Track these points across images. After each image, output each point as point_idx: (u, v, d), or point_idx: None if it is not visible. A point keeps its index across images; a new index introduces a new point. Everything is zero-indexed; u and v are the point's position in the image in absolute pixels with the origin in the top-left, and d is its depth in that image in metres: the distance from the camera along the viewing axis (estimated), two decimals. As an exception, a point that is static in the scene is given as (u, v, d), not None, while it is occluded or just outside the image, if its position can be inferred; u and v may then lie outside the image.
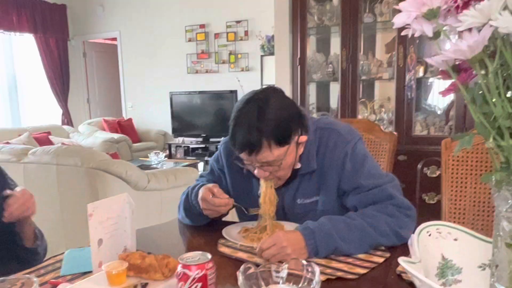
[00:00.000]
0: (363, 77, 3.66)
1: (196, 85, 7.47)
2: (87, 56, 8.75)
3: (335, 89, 3.75)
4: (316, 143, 1.45)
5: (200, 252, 0.87)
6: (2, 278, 0.70)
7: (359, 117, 3.61)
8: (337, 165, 1.42)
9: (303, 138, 1.39)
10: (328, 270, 1.15)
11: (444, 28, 0.68)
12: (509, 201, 0.66)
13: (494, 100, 0.63)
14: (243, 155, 1.36)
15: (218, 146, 1.65)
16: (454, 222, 1.51)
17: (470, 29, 0.61)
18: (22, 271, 1.15)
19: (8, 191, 1.33)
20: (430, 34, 0.67)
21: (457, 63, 0.71)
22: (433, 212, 1.64)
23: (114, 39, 8.41)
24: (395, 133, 2.02)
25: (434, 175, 3.11)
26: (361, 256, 1.24)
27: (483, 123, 0.65)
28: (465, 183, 1.63)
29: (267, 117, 1.29)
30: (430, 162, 3.16)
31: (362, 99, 3.77)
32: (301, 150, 1.42)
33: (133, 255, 0.94)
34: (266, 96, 1.33)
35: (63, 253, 1.30)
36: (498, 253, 0.71)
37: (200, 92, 7.25)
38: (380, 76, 3.66)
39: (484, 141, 0.68)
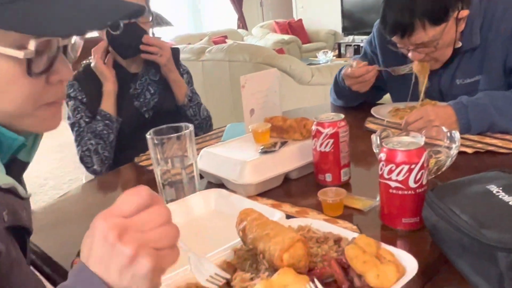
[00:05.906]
0: None
1: (368, -21, 7.06)
2: (260, -42, 8.85)
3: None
4: (482, 15, 1.30)
5: (334, 113, 0.92)
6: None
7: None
8: (505, 37, 1.27)
9: (464, 12, 1.27)
10: (479, 145, 1.09)
11: None
12: None
13: None
14: (395, 38, 1.31)
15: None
16: None
17: None
18: None
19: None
20: None
21: None
22: None
23: None
24: None
25: None
26: (521, 132, 1.15)
27: None
28: None
29: None
30: None
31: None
32: (462, 26, 1.30)
33: (276, 118, 1.05)
34: None
35: (225, 126, 1.49)
36: None
37: (373, -14, 6.86)
38: None
39: None
